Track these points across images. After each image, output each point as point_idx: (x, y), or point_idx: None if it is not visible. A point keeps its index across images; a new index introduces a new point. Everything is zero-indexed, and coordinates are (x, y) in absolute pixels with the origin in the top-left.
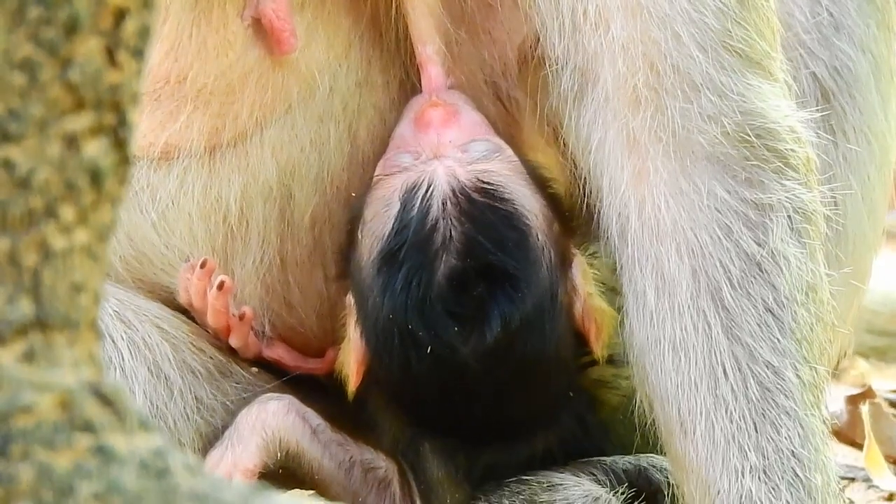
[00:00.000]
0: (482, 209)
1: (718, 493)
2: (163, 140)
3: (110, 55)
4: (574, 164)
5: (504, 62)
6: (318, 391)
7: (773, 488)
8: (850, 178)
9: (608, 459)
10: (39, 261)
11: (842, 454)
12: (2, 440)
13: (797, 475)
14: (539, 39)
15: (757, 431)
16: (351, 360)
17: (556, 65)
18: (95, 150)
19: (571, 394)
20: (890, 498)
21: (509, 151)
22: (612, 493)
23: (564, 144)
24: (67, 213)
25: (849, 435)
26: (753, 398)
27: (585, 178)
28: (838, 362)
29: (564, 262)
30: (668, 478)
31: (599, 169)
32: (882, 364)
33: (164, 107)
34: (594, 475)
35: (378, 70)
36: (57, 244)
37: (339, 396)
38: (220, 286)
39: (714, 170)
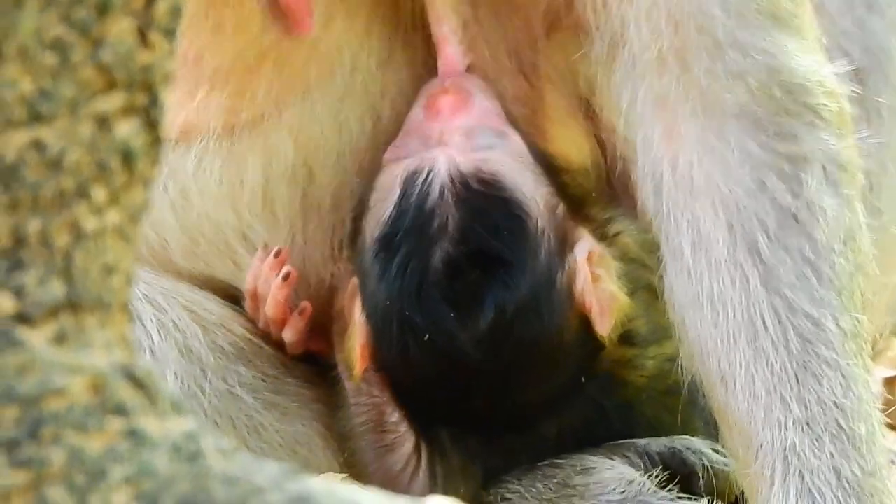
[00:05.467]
0: (479, 197)
1: (761, 445)
2: (180, 120)
3: (142, 35)
4: (608, 129)
5: (529, 31)
6: None
7: (817, 440)
8: (885, 159)
9: (642, 442)
10: (71, 242)
11: None
12: (33, 423)
13: (840, 426)
14: (567, 4)
15: (798, 383)
16: (356, 344)
17: (586, 29)
18: (127, 130)
19: (583, 379)
20: None
21: (517, 139)
22: (645, 475)
23: (596, 112)
24: (99, 193)
25: (886, 418)
26: (794, 350)
27: (621, 140)
28: (874, 344)
29: (565, 246)
30: (702, 460)
31: (632, 129)
32: None
33: (181, 87)
34: (628, 458)
35: (400, 49)
36: (89, 225)
37: None
38: (286, 277)
39: (744, 126)
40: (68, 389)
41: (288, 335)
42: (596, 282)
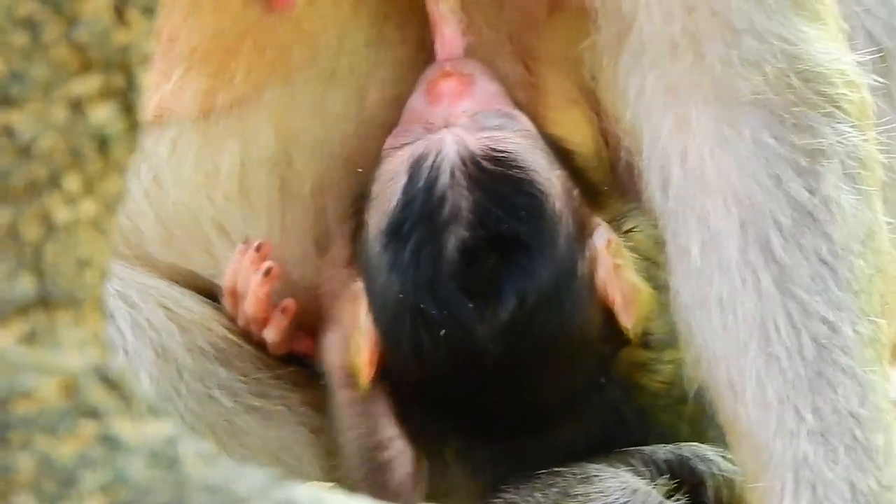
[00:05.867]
0: (493, 177)
1: (771, 457)
2: (154, 103)
3: (119, 13)
4: (613, 119)
5: (528, 12)
6: None
7: (831, 451)
8: None
9: (648, 449)
10: (42, 234)
11: None
12: (1, 428)
13: (856, 437)
14: None
15: (812, 391)
16: (363, 349)
17: (592, 12)
18: (103, 115)
19: (603, 380)
20: None
21: (525, 120)
22: (651, 484)
23: (600, 100)
24: (72, 182)
25: None
26: (808, 356)
27: (627, 131)
28: (893, 350)
29: (584, 232)
30: (711, 468)
31: (640, 120)
32: None
33: (156, 67)
34: (632, 466)
35: (391, 28)
36: (61, 216)
37: None
38: (268, 272)
39: (759, 116)
40: (38, 391)
41: (270, 334)
42: (617, 271)
